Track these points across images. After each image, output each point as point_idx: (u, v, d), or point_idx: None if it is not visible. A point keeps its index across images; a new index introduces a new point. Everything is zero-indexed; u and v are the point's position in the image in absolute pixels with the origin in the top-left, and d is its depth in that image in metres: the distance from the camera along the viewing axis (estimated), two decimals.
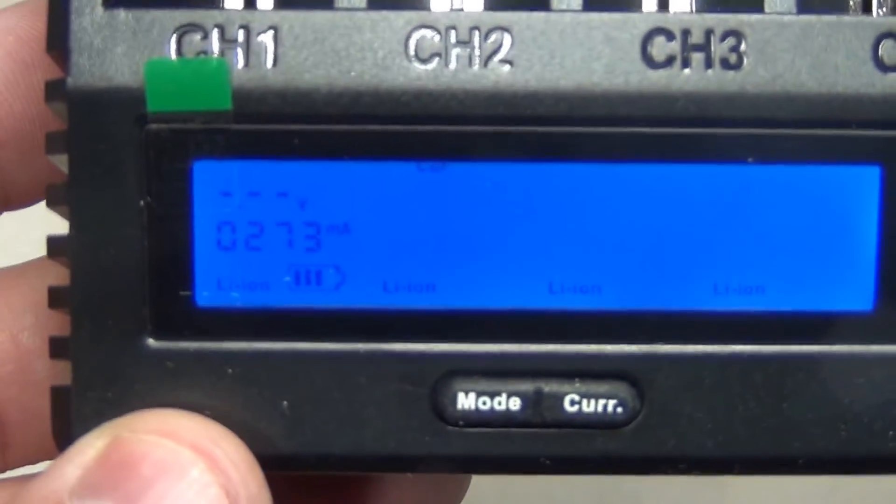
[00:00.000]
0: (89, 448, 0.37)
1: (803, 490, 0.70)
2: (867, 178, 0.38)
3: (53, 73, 0.38)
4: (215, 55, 0.37)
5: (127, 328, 0.38)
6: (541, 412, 0.38)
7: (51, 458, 0.38)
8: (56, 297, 0.39)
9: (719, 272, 0.38)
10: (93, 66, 0.37)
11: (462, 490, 0.50)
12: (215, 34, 0.37)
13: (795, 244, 0.38)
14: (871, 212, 0.38)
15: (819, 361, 0.38)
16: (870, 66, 0.37)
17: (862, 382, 0.38)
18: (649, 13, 0.38)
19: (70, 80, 0.37)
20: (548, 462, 0.39)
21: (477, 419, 0.38)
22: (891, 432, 0.39)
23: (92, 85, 0.37)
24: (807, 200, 0.38)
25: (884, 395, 0.39)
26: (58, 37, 0.37)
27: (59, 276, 0.39)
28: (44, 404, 0.39)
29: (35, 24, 0.42)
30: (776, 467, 0.39)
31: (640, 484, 0.69)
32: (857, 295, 0.38)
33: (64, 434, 0.38)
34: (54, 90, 0.38)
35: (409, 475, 0.46)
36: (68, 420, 0.38)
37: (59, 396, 0.39)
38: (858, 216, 0.38)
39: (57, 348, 0.39)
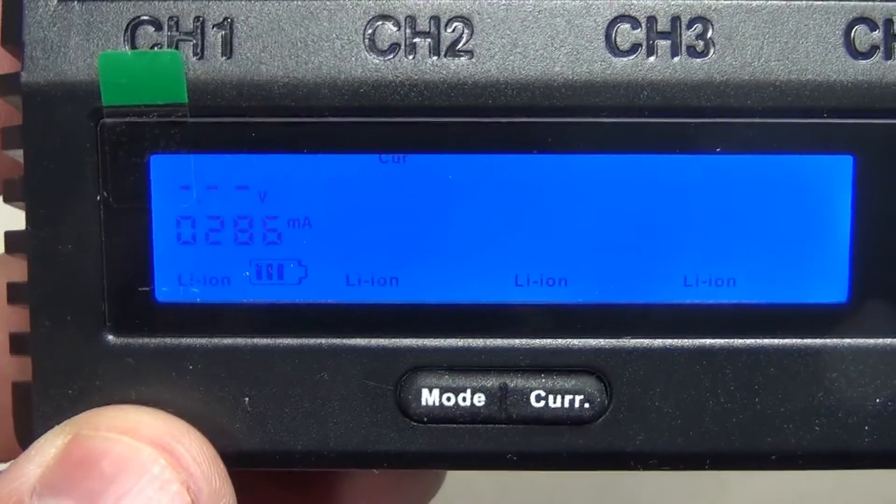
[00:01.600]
0: (49, 446, 0.36)
1: (803, 490, 0.69)
2: (839, 168, 0.37)
3: (14, 66, 0.38)
4: (169, 48, 0.36)
5: (86, 324, 0.37)
6: (506, 408, 0.38)
7: (14, 456, 0.38)
8: (14, 293, 0.38)
9: (689, 264, 0.38)
10: (47, 59, 0.36)
11: (438, 481, 0.49)
12: (168, 25, 0.36)
13: (767, 236, 0.37)
14: (844, 202, 0.37)
15: (791, 355, 0.38)
16: (841, 52, 0.36)
17: (835, 376, 0.38)
18: (614, 0, 0.37)
19: (24, 74, 0.37)
20: (514, 458, 0.38)
21: (441, 415, 0.38)
22: (866, 427, 0.38)
23: (46, 79, 0.36)
24: (778, 191, 0.37)
25: (858, 388, 0.38)
26: (12, 30, 0.37)
27: (22, 271, 0.38)
28: (9, 401, 0.39)
29: None
30: (748, 462, 0.38)
31: (639, 484, 0.69)
32: (831, 287, 0.38)
33: (25, 431, 0.38)
34: (9, 84, 0.37)
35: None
36: (29, 417, 0.38)
37: (21, 393, 0.38)
38: (831, 207, 0.37)
39: (17, 344, 0.38)
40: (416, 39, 0.37)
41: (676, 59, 0.36)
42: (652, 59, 0.36)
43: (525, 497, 0.68)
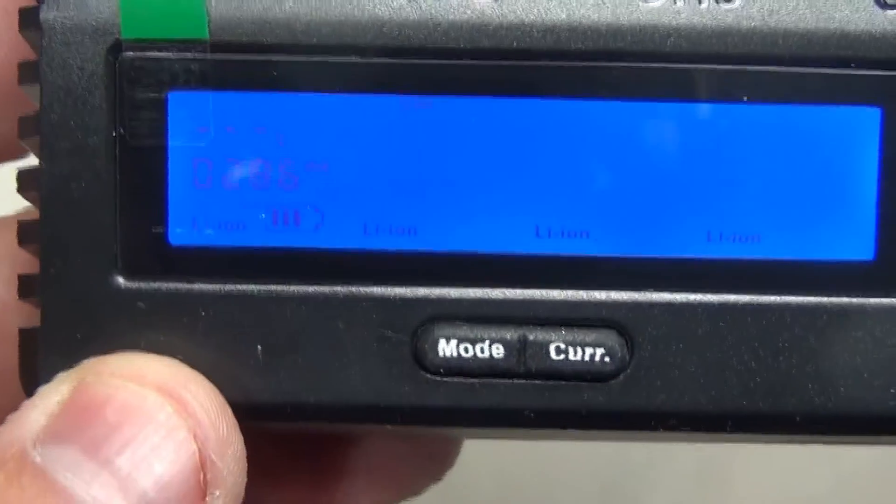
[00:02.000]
0: (54, 393, 0.35)
1: (806, 488, 0.68)
2: (867, 121, 0.36)
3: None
4: None
5: (97, 266, 0.37)
6: (525, 360, 0.37)
7: None
8: (25, 233, 0.37)
9: (713, 219, 0.37)
10: None
11: (447, 463, 0.48)
12: None
13: (792, 190, 0.37)
14: (871, 156, 0.37)
15: (817, 313, 0.37)
16: (870, 2, 0.36)
17: (861, 336, 0.37)
18: None
19: (44, 8, 0.36)
20: (532, 415, 0.37)
21: (458, 367, 0.37)
22: (892, 389, 0.37)
23: (66, 13, 0.36)
24: (804, 143, 0.37)
25: (884, 349, 0.37)
26: None
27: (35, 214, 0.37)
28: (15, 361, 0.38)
29: None
30: (771, 425, 0.37)
31: (640, 485, 0.68)
32: (857, 244, 0.37)
33: (31, 377, 0.37)
34: (28, 18, 0.37)
35: (395, 443, 0.45)
36: (35, 363, 0.37)
37: (28, 338, 0.37)
38: (858, 161, 0.37)
39: (26, 287, 0.37)
40: None
41: (703, 4, 0.36)
42: (679, 4, 0.36)
43: (525, 495, 0.67)
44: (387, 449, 0.47)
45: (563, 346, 0.37)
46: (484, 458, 0.63)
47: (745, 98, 0.36)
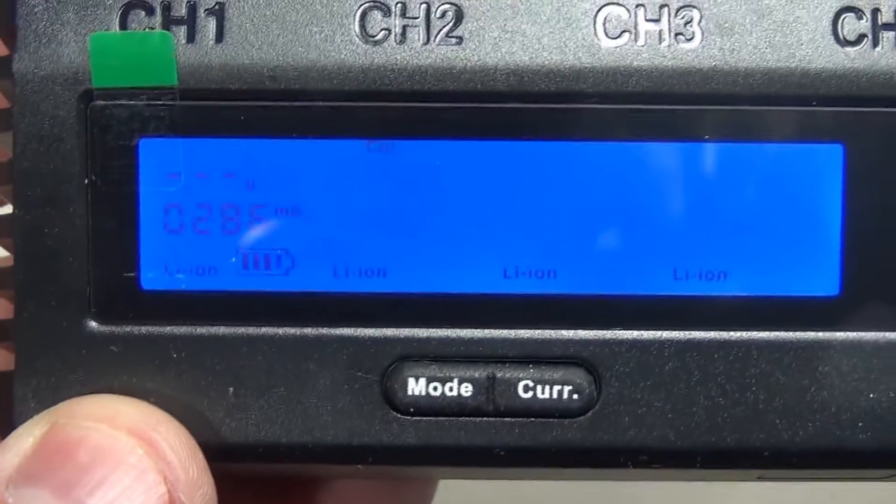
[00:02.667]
0: (27, 436, 0.36)
1: (805, 487, 0.68)
2: (829, 157, 0.37)
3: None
4: (159, 29, 0.36)
5: (70, 311, 0.37)
6: (494, 399, 0.37)
7: None
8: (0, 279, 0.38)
9: (679, 257, 0.37)
10: (39, 43, 0.37)
11: (426, 498, 0.48)
12: (160, 10, 0.37)
13: (757, 227, 0.37)
14: (835, 192, 0.37)
15: (783, 348, 0.37)
16: (829, 40, 0.36)
17: (828, 370, 0.37)
18: None
19: (17, 58, 0.37)
20: (502, 453, 0.37)
21: (428, 406, 0.37)
22: (860, 424, 0.37)
23: (38, 62, 0.37)
24: (767, 181, 0.37)
25: (851, 383, 0.37)
26: (4, 15, 0.37)
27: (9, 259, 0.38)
28: None
29: None
30: (740, 460, 0.37)
31: (640, 486, 0.67)
32: (822, 279, 0.37)
33: (6, 420, 0.37)
34: (0, 67, 0.37)
35: (366, 482, 0.45)
36: (10, 405, 0.37)
37: (2, 382, 0.38)
38: (821, 197, 0.37)
39: (0, 331, 0.38)
40: (407, 26, 0.37)
41: (664, 45, 0.37)
42: (640, 45, 0.37)
43: (522, 497, 0.67)
44: (357, 493, 0.47)
45: (531, 384, 0.37)
46: None
47: (706, 137, 0.37)
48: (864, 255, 0.37)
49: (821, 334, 0.37)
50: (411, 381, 0.37)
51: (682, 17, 0.37)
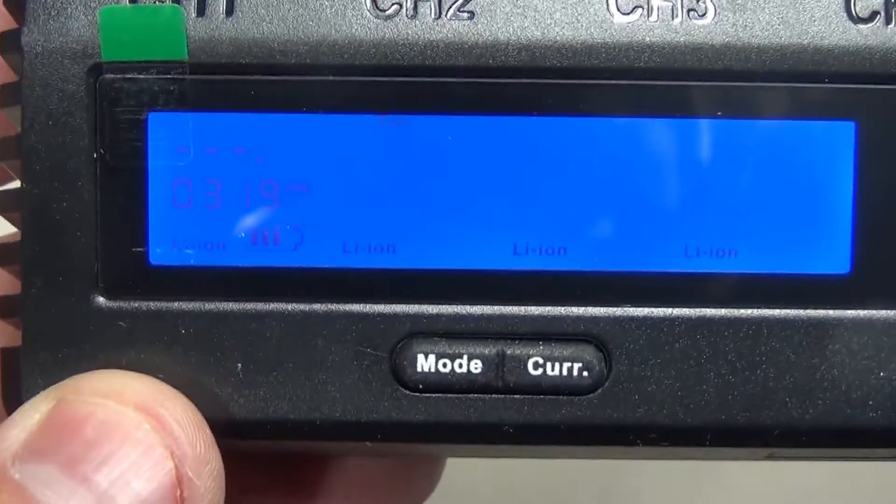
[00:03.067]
0: (34, 411, 0.36)
1: (803, 481, 0.68)
2: (841, 135, 0.37)
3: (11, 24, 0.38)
4: (169, 2, 0.36)
5: (77, 286, 0.37)
6: (503, 375, 0.37)
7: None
8: (6, 254, 0.38)
9: (690, 234, 0.37)
10: (48, 16, 0.36)
11: (433, 479, 0.48)
12: None
13: (768, 204, 0.37)
14: (846, 170, 0.37)
15: (793, 326, 0.37)
16: (842, 16, 0.36)
17: (838, 348, 0.37)
18: None
19: (25, 31, 0.37)
20: (511, 430, 0.37)
21: (437, 383, 0.37)
22: (870, 402, 0.37)
23: (47, 35, 0.36)
24: (779, 158, 0.37)
25: (861, 361, 0.37)
26: None
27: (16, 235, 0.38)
28: None
29: None
30: (750, 438, 0.37)
31: (639, 486, 0.68)
32: (833, 257, 0.37)
33: (12, 396, 0.37)
34: (9, 41, 0.37)
35: (374, 461, 0.45)
36: (17, 382, 0.37)
37: (9, 358, 0.38)
38: (833, 174, 0.37)
39: (7, 307, 0.38)
40: (419, 0, 0.37)
41: (676, 20, 0.36)
42: (652, 20, 0.36)
43: (527, 492, 0.67)
44: (365, 471, 0.47)
45: (541, 361, 0.37)
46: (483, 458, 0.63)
47: (718, 114, 0.36)
48: (876, 232, 0.37)
49: (831, 312, 0.37)
50: (420, 357, 0.37)
51: None
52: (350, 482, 0.47)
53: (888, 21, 0.36)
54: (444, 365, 0.37)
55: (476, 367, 0.37)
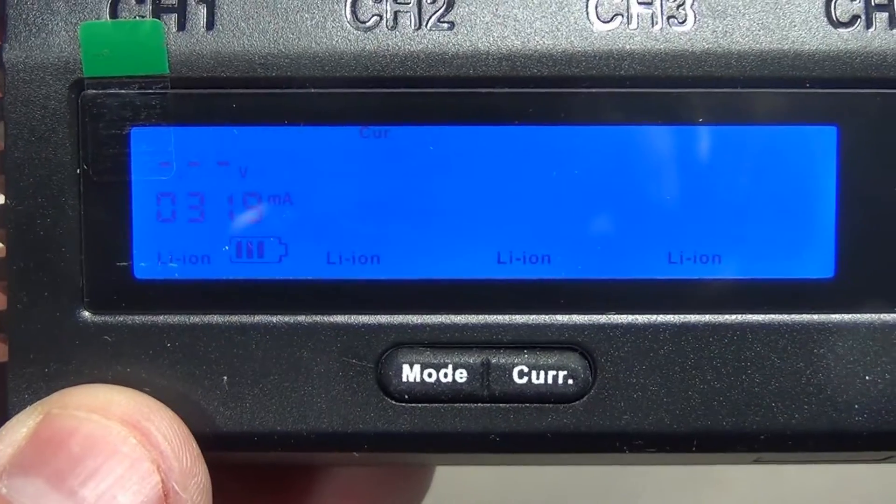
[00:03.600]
0: (21, 426, 0.36)
1: (801, 490, 0.68)
2: (823, 139, 0.37)
3: None
4: (149, 17, 0.36)
5: (63, 301, 0.37)
6: (488, 384, 0.37)
7: None
8: None
9: (674, 240, 0.37)
10: (30, 33, 0.37)
11: (423, 486, 0.48)
12: None
13: (751, 210, 0.37)
14: (829, 174, 0.37)
15: (778, 331, 0.37)
16: (822, 21, 0.36)
17: (823, 353, 0.37)
18: None
19: (6, 48, 0.37)
20: (497, 439, 0.37)
21: (422, 393, 0.37)
22: (855, 406, 0.37)
23: (28, 52, 0.37)
24: (762, 163, 0.37)
25: (846, 365, 0.37)
26: None
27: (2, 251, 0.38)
28: None
29: None
30: (736, 444, 0.37)
31: (636, 483, 0.68)
32: (817, 262, 0.37)
33: (0, 411, 0.37)
34: None
35: (362, 471, 0.45)
36: (4, 396, 0.37)
37: None
38: (816, 179, 0.37)
39: None
40: (399, 11, 0.37)
41: (656, 27, 0.36)
42: (632, 28, 0.36)
43: (523, 497, 0.67)
44: (354, 478, 0.47)
45: (525, 369, 0.37)
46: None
47: (700, 120, 0.36)
48: (859, 237, 0.37)
49: (816, 317, 0.37)
50: (406, 367, 0.37)
51: (675, 0, 0.36)
52: (339, 490, 0.47)
53: (868, 25, 0.36)
54: (430, 375, 0.37)
55: (461, 376, 0.37)
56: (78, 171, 0.37)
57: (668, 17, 0.36)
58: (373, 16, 0.37)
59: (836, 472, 0.68)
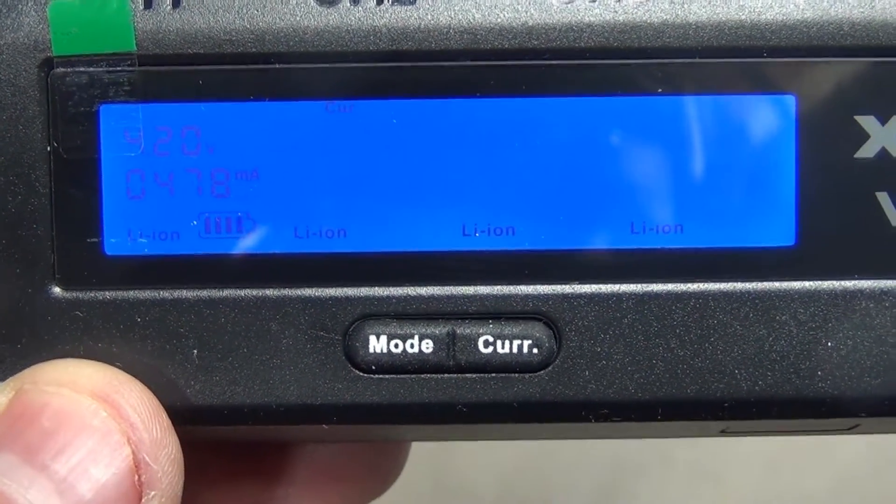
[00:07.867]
0: None
1: (801, 486, 0.68)
2: (782, 108, 0.37)
3: None
4: None
5: (35, 277, 0.37)
6: (454, 354, 0.37)
7: None
8: None
9: (635, 210, 0.38)
10: (0, 14, 0.37)
11: (390, 477, 0.48)
12: None
13: (712, 179, 0.37)
14: (788, 143, 0.37)
15: (740, 299, 0.37)
16: None
17: (786, 320, 0.37)
18: None
19: None
20: (464, 409, 0.38)
21: (389, 364, 0.37)
22: (819, 372, 0.37)
23: (0, 33, 0.37)
24: (721, 133, 0.37)
25: (809, 332, 0.37)
26: None
27: None
28: None
29: None
30: (701, 411, 0.38)
31: (634, 482, 0.68)
32: (778, 230, 0.37)
33: None
34: None
35: (337, 450, 0.45)
36: None
37: None
38: (775, 148, 0.37)
39: None
40: None
41: (614, 0, 0.37)
42: (591, 1, 0.37)
43: (523, 497, 0.67)
44: (330, 457, 0.47)
45: (491, 339, 0.37)
46: (483, 458, 0.63)
47: (659, 91, 0.37)
48: (820, 204, 0.37)
49: (777, 284, 0.37)
50: (373, 339, 0.37)
51: None
52: (315, 468, 0.47)
53: None
54: (396, 346, 0.37)
55: (427, 346, 0.37)
56: (48, 148, 0.37)
57: None
58: None
59: (836, 472, 0.68)
